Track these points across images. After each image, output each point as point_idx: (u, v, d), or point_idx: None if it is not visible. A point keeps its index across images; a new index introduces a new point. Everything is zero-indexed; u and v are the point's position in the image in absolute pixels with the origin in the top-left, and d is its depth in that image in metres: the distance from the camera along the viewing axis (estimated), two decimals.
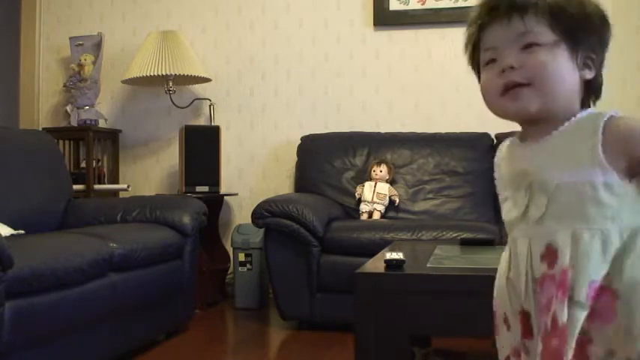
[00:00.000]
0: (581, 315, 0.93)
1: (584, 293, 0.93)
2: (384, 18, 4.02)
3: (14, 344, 2.01)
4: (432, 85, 3.99)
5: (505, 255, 1.08)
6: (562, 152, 0.98)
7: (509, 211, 1.05)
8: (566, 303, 0.93)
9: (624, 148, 0.94)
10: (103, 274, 2.46)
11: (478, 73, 1.10)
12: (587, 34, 1.01)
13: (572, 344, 0.93)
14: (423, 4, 3.97)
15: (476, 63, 1.10)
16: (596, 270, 0.94)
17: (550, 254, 0.97)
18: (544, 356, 0.95)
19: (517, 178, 1.04)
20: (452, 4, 3.93)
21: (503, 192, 1.09)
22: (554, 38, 0.99)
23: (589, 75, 1.01)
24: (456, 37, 4.21)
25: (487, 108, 1.06)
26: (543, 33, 0.99)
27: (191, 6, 4.27)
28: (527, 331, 1.01)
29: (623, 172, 0.95)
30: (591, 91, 1.03)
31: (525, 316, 1.01)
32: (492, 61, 1.03)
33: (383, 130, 3.94)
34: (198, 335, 3.19)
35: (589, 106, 1.04)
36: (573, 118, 0.99)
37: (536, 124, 1.02)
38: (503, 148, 1.12)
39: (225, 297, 4.00)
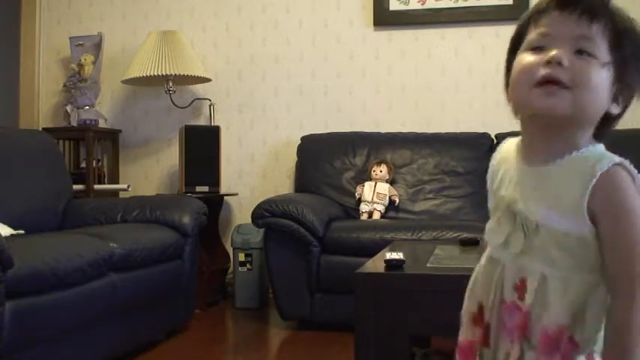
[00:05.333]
0: (531, 357, 0.96)
1: (537, 337, 0.96)
2: (384, 18, 4.02)
3: (14, 344, 2.01)
4: (432, 85, 3.99)
5: (483, 261, 1.10)
6: (550, 192, 0.97)
7: (493, 233, 1.05)
8: (519, 343, 0.97)
9: (604, 210, 0.93)
10: (103, 274, 2.46)
11: (510, 57, 1.05)
12: (634, 73, 0.98)
13: None
14: (423, 4, 3.97)
15: (515, 48, 1.05)
16: (555, 317, 0.95)
17: (522, 288, 0.99)
18: None
19: (506, 201, 1.03)
20: (452, 4, 3.92)
21: (491, 196, 1.10)
22: (607, 59, 0.96)
23: (615, 110, 0.99)
24: (456, 37, 4.24)
25: (507, 93, 1.03)
26: (601, 48, 0.95)
27: (191, 6, 4.27)
28: (486, 341, 1.04)
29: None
30: (607, 125, 1.01)
31: (487, 327, 1.04)
32: (539, 49, 0.98)
33: (383, 130, 3.94)
34: (198, 335, 3.19)
35: (597, 136, 1.01)
36: (575, 153, 0.96)
37: (548, 130, 0.99)
38: (503, 148, 1.12)
39: (225, 297, 4.00)
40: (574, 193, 0.93)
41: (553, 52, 0.95)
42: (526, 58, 0.99)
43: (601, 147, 0.99)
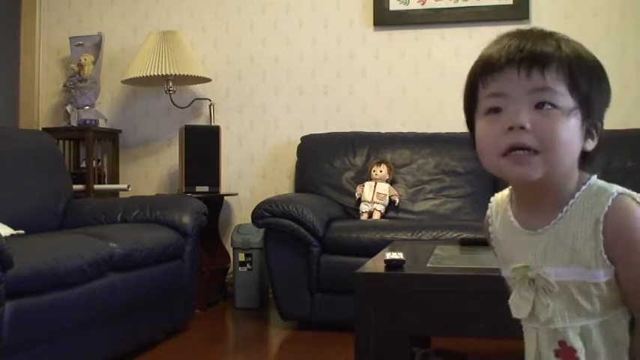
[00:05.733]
0: None
1: None
2: (384, 18, 4.02)
3: (14, 344, 2.01)
4: (432, 85, 3.99)
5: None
6: (563, 248, 0.94)
7: (517, 308, 1.00)
8: None
9: (619, 249, 0.91)
10: (103, 274, 2.46)
11: (469, 118, 1.00)
12: (599, 103, 0.95)
13: None
14: (423, 4, 3.97)
15: (470, 110, 0.99)
16: (608, 358, 0.94)
17: (565, 351, 0.95)
18: None
19: (521, 272, 0.99)
20: (452, 4, 3.93)
21: (500, 253, 1.06)
22: (572, 104, 0.90)
23: (590, 146, 0.95)
24: (456, 37, 4.24)
25: (481, 161, 0.98)
26: (562, 95, 0.90)
27: (191, 6, 4.27)
28: None
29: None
30: (587, 160, 0.96)
31: None
32: (496, 110, 0.93)
33: (383, 130, 3.94)
34: (198, 335, 3.19)
35: (584, 168, 0.97)
36: (572, 201, 0.94)
37: (533, 187, 0.96)
38: (494, 208, 1.07)
39: (225, 297, 4.00)
40: (589, 245, 0.92)
41: (513, 118, 0.90)
42: (485, 126, 0.95)
43: (594, 180, 0.96)
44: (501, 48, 0.93)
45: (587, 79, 0.93)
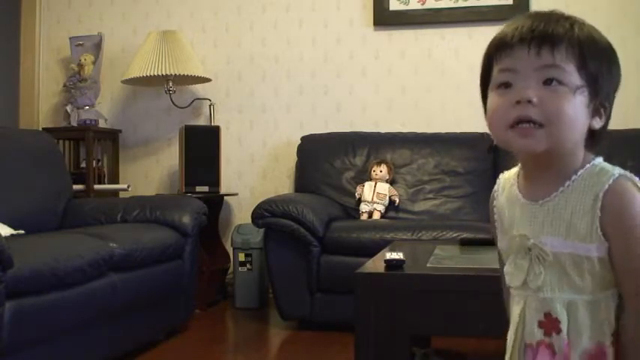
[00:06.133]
0: None
1: None
2: (384, 18, 4.02)
3: (14, 344, 2.01)
4: (432, 85, 3.99)
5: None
6: (561, 221, 0.97)
7: (512, 275, 1.03)
8: None
9: (615, 229, 0.93)
10: (103, 274, 2.46)
11: (484, 93, 1.04)
12: (608, 83, 0.98)
13: None
14: (423, 4, 3.97)
15: (485, 84, 1.03)
16: (593, 339, 0.95)
17: (549, 323, 0.98)
18: None
19: (518, 241, 1.02)
20: (452, 4, 3.93)
21: (500, 236, 1.09)
22: (579, 83, 0.94)
23: (597, 124, 0.98)
24: (456, 37, 4.24)
25: (489, 131, 1.02)
26: (570, 73, 0.94)
27: (191, 6, 4.27)
28: None
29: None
30: (595, 139, 0.99)
31: None
32: (506, 85, 0.97)
33: (383, 130, 3.94)
34: (198, 335, 3.19)
35: (591, 149, 1.00)
36: (574, 177, 0.97)
37: (538, 161, 0.99)
38: (501, 184, 1.10)
39: (225, 297, 4.00)
40: (585, 219, 0.94)
41: (521, 92, 0.94)
42: (495, 99, 0.98)
43: (598, 161, 0.98)
44: (515, 28, 0.97)
45: (597, 60, 0.96)
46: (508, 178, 1.09)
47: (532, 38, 0.94)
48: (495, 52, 0.99)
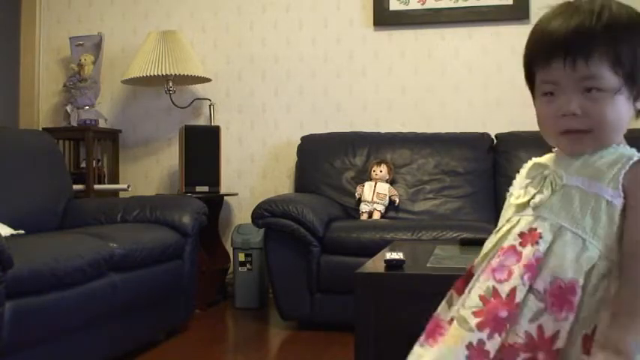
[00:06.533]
0: (534, 305, 0.96)
1: (543, 286, 0.97)
2: (384, 18, 4.02)
3: (14, 344, 2.01)
4: (432, 85, 3.99)
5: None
6: (587, 167, 1.01)
7: (517, 197, 1.07)
8: (526, 287, 0.97)
9: (634, 190, 0.96)
10: (103, 274, 2.46)
11: (531, 87, 1.08)
12: None
13: (522, 328, 0.96)
14: (423, 4, 3.97)
15: (531, 80, 1.08)
16: (569, 272, 0.96)
17: (530, 235, 1.00)
18: (484, 313, 0.98)
19: (536, 171, 1.07)
20: (452, 4, 3.92)
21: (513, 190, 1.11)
22: (616, 84, 0.98)
23: None
24: (456, 37, 4.23)
25: (542, 135, 1.07)
26: (606, 77, 0.98)
27: (191, 6, 4.27)
28: (462, 290, 1.07)
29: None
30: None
31: (468, 278, 1.08)
32: (550, 94, 1.02)
33: (383, 130, 3.94)
34: (198, 335, 3.19)
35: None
36: (610, 148, 1.01)
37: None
38: (528, 164, 1.13)
39: (225, 297, 4.00)
40: (611, 169, 0.98)
41: (564, 106, 0.99)
42: (543, 108, 1.04)
43: (633, 150, 1.03)
44: (548, 35, 1.01)
45: (630, 50, 0.99)
46: (537, 160, 1.12)
47: (565, 53, 0.98)
48: (532, 62, 1.04)
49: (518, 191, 1.08)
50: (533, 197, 1.03)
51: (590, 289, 0.96)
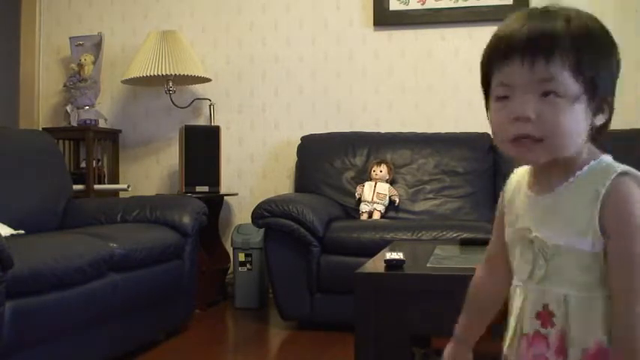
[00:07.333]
0: None
1: (578, 358, 0.95)
2: (384, 18, 4.02)
3: (14, 344, 2.01)
4: (432, 85, 3.99)
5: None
6: (561, 214, 0.97)
7: (518, 269, 1.04)
8: None
9: (613, 227, 0.93)
10: (103, 274, 2.46)
11: (486, 94, 1.03)
12: (607, 78, 0.96)
13: None
14: (423, 4, 3.97)
15: (486, 84, 1.02)
16: (590, 336, 0.95)
17: (546, 315, 0.98)
18: None
19: (521, 234, 1.03)
20: (452, 4, 3.93)
21: (507, 228, 1.08)
22: (576, 91, 0.92)
23: (600, 120, 0.97)
24: (456, 37, 4.23)
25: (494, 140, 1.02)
26: (566, 83, 0.92)
27: (191, 6, 4.27)
28: None
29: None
30: (600, 133, 0.98)
31: None
32: (505, 98, 0.96)
33: (383, 130, 3.94)
34: (198, 335, 3.19)
35: (595, 142, 1.00)
36: (578, 173, 0.96)
37: (542, 164, 0.99)
38: (513, 179, 1.11)
39: (225, 297, 4.00)
40: (585, 214, 0.94)
41: (518, 108, 0.93)
42: (495, 112, 0.98)
43: (604, 158, 0.98)
44: (508, 35, 0.95)
45: (593, 59, 0.94)
46: (521, 173, 1.10)
47: (524, 51, 0.92)
48: (489, 63, 0.98)
49: (517, 259, 1.04)
50: (533, 270, 1.00)
51: None
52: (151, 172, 4.31)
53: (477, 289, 1.17)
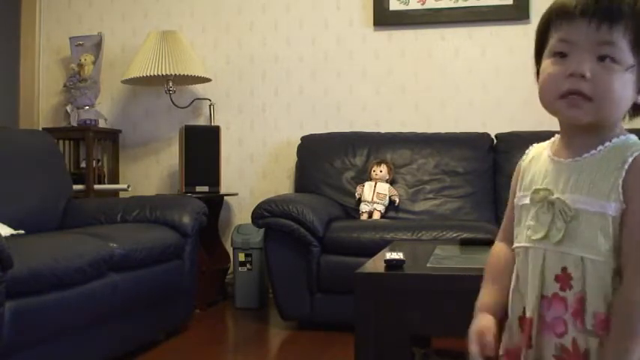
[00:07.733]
0: (594, 343, 0.97)
1: (591, 323, 0.97)
2: (384, 18, 4.02)
3: (14, 344, 2.01)
4: (432, 85, 3.99)
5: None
6: (586, 179, 1.00)
7: (534, 229, 1.05)
8: (577, 331, 0.98)
9: (634, 190, 0.96)
10: (103, 274, 2.46)
11: (538, 56, 1.06)
12: None
13: None
14: (423, 4, 3.97)
15: (540, 46, 1.06)
16: (598, 301, 0.97)
17: (565, 277, 1.00)
18: None
19: (541, 195, 1.05)
20: (452, 4, 3.92)
21: (520, 193, 1.10)
22: (631, 62, 0.98)
23: None
24: (456, 37, 4.23)
25: (538, 98, 1.04)
26: (624, 50, 0.97)
27: (191, 6, 4.27)
28: (529, 341, 1.03)
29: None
30: (637, 110, 1.04)
31: (529, 324, 1.03)
32: (562, 55, 1.00)
33: (383, 130, 3.94)
34: (198, 335, 3.19)
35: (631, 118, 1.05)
36: (608, 143, 1.00)
37: (579, 127, 1.02)
38: (531, 152, 1.13)
39: (225, 297, 4.00)
40: (609, 179, 0.97)
41: (575, 65, 0.97)
42: (550, 67, 1.01)
43: (632, 137, 1.02)
44: None
45: None
46: (540, 145, 1.13)
47: (594, 12, 0.97)
48: (555, 18, 1.02)
49: (531, 219, 1.06)
50: (549, 231, 1.02)
51: None
52: (151, 172, 4.31)
53: (496, 256, 1.18)
